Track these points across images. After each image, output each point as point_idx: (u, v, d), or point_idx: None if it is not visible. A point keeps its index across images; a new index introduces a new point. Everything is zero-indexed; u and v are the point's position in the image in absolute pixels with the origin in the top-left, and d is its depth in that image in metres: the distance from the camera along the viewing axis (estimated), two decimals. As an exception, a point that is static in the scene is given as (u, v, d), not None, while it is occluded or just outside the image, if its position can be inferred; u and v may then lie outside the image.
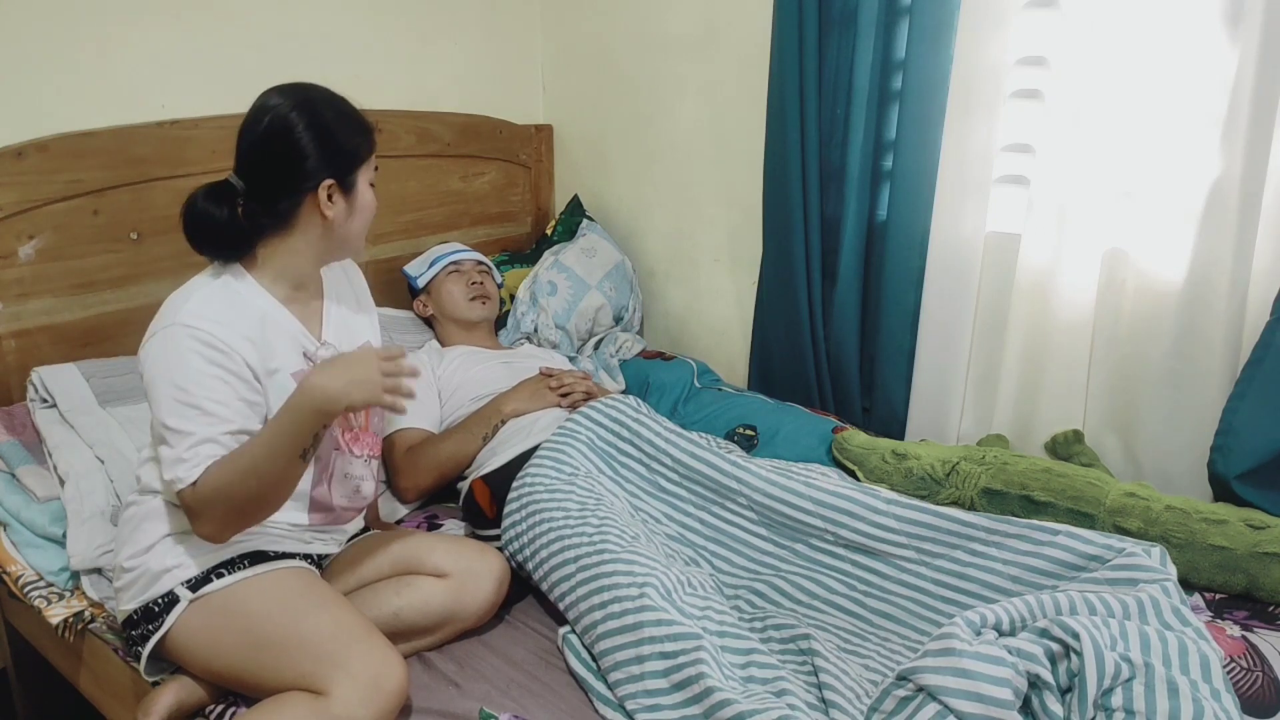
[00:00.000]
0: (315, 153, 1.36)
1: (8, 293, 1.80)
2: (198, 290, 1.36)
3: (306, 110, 1.37)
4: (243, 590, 1.34)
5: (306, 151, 1.35)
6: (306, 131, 1.35)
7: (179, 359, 1.28)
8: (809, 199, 2.22)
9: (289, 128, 1.35)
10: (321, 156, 1.37)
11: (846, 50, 2.10)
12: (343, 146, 1.40)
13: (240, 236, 1.38)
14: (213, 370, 1.28)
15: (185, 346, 1.28)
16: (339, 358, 1.31)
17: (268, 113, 1.36)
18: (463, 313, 2.23)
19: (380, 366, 1.27)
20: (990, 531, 1.52)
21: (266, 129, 1.35)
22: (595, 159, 2.80)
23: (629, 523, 1.60)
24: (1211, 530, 1.60)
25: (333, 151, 1.38)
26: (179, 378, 1.27)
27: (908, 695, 1.18)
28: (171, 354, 1.28)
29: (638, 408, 1.86)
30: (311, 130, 1.36)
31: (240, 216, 1.37)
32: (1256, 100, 1.65)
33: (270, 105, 1.37)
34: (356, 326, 1.58)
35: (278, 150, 1.35)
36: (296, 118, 1.35)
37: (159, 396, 1.27)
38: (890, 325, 2.19)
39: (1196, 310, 1.80)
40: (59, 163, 1.82)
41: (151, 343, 1.30)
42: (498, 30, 2.68)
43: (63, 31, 1.83)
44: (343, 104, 1.44)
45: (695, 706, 1.27)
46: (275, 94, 1.38)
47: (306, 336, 1.45)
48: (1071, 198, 1.89)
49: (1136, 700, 1.15)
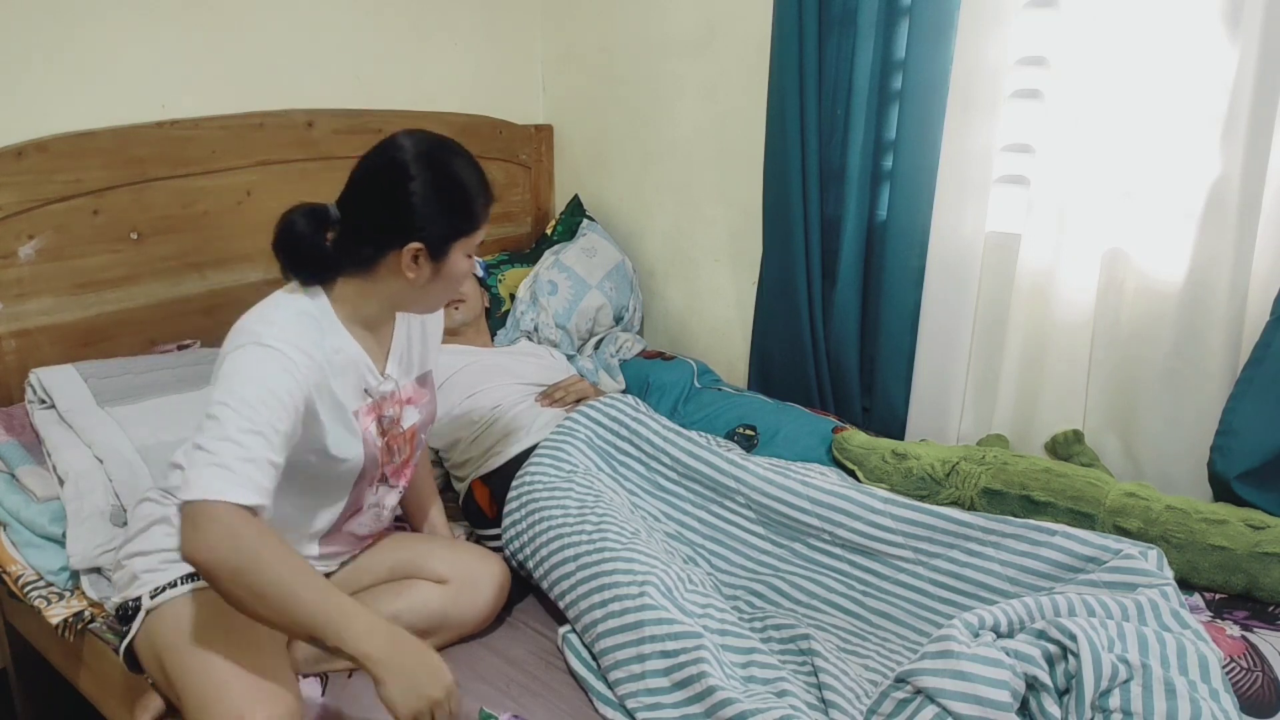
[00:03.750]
0: (418, 212, 1.27)
1: (7, 293, 1.80)
2: (284, 310, 1.30)
3: (429, 166, 1.28)
4: (176, 610, 1.27)
5: (410, 207, 1.27)
6: (420, 188, 1.27)
7: (261, 376, 1.19)
8: (809, 199, 2.22)
9: (403, 177, 1.27)
10: (422, 218, 1.28)
11: (846, 50, 2.10)
12: (450, 216, 1.30)
13: (325, 264, 1.33)
14: (287, 400, 1.20)
15: (271, 369, 1.20)
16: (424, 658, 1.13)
17: (391, 152, 1.29)
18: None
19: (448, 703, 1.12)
20: (987, 531, 1.52)
21: (382, 168, 1.29)
22: (595, 159, 2.80)
23: (629, 519, 1.60)
24: (1211, 530, 1.60)
25: (437, 217, 1.29)
26: (253, 395, 1.17)
27: (906, 697, 1.18)
28: (254, 368, 1.19)
29: (636, 406, 1.86)
30: (425, 189, 1.27)
31: (330, 244, 1.32)
32: (1256, 100, 1.65)
33: (398, 145, 1.29)
34: (416, 361, 1.51)
35: (383, 194, 1.28)
36: (416, 170, 1.27)
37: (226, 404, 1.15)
38: (890, 325, 2.19)
39: (1196, 310, 1.80)
40: (59, 162, 1.82)
41: (241, 354, 1.21)
42: (498, 30, 2.68)
43: (63, 31, 1.83)
44: (472, 171, 1.33)
45: (696, 705, 1.27)
46: (408, 136, 1.30)
47: (371, 371, 1.38)
48: (1071, 198, 1.89)
49: (1134, 701, 1.15)
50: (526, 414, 1.94)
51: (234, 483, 1.09)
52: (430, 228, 1.29)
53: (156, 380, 1.82)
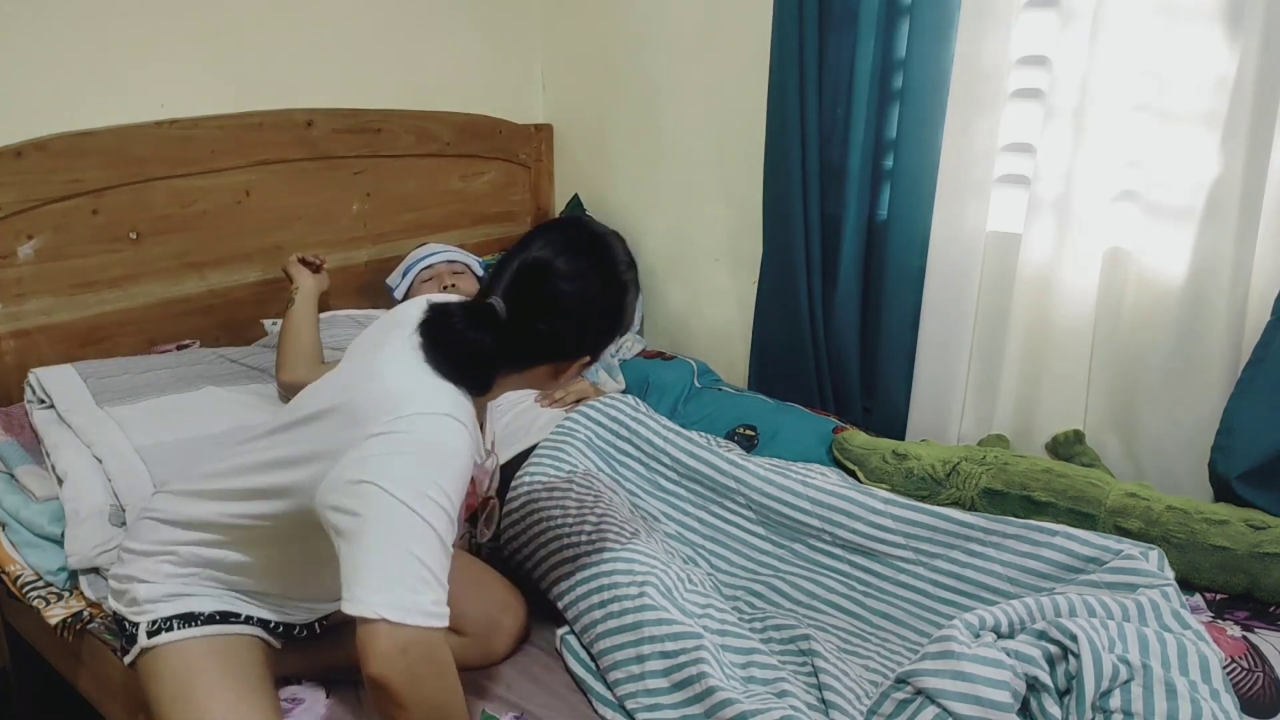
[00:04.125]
0: (612, 328, 1.21)
1: (7, 293, 1.80)
2: (436, 379, 1.13)
3: (636, 284, 1.22)
4: (169, 659, 1.22)
5: (611, 323, 1.20)
6: (630, 304, 1.20)
7: (452, 457, 1.06)
8: (809, 198, 2.22)
9: (623, 294, 1.19)
10: (610, 334, 1.22)
11: (847, 49, 2.10)
12: (615, 334, 1.24)
13: (489, 371, 1.16)
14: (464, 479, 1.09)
15: (459, 446, 1.07)
16: None
17: (613, 265, 1.18)
18: None
19: None
20: (988, 532, 1.52)
21: (604, 282, 1.17)
22: (595, 158, 2.80)
23: (629, 519, 1.60)
24: (1212, 530, 1.60)
25: (608, 337, 1.23)
26: (447, 479, 1.04)
27: (906, 698, 1.18)
28: (444, 447, 1.06)
29: (636, 406, 1.86)
30: (629, 308, 1.21)
31: (493, 345, 1.14)
32: (1257, 100, 1.64)
33: (618, 257, 1.19)
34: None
35: (594, 307, 1.17)
36: (633, 291, 1.20)
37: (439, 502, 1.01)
38: (890, 325, 2.19)
39: (1197, 310, 1.80)
40: (58, 162, 1.82)
41: (420, 423, 1.05)
42: (497, 30, 2.68)
43: (62, 31, 1.83)
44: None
45: (696, 706, 1.27)
46: (621, 244, 1.21)
47: (479, 445, 1.26)
48: (1071, 198, 1.89)
49: (1135, 702, 1.15)
50: (526, 414, 1.94)
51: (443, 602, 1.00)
52: (607, 341, 1.24)
53: (156, 380, 1.82)
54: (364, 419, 1.06)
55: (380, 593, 0.97)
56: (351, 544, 1.01)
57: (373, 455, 1.03)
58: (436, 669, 1.01)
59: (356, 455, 1.04)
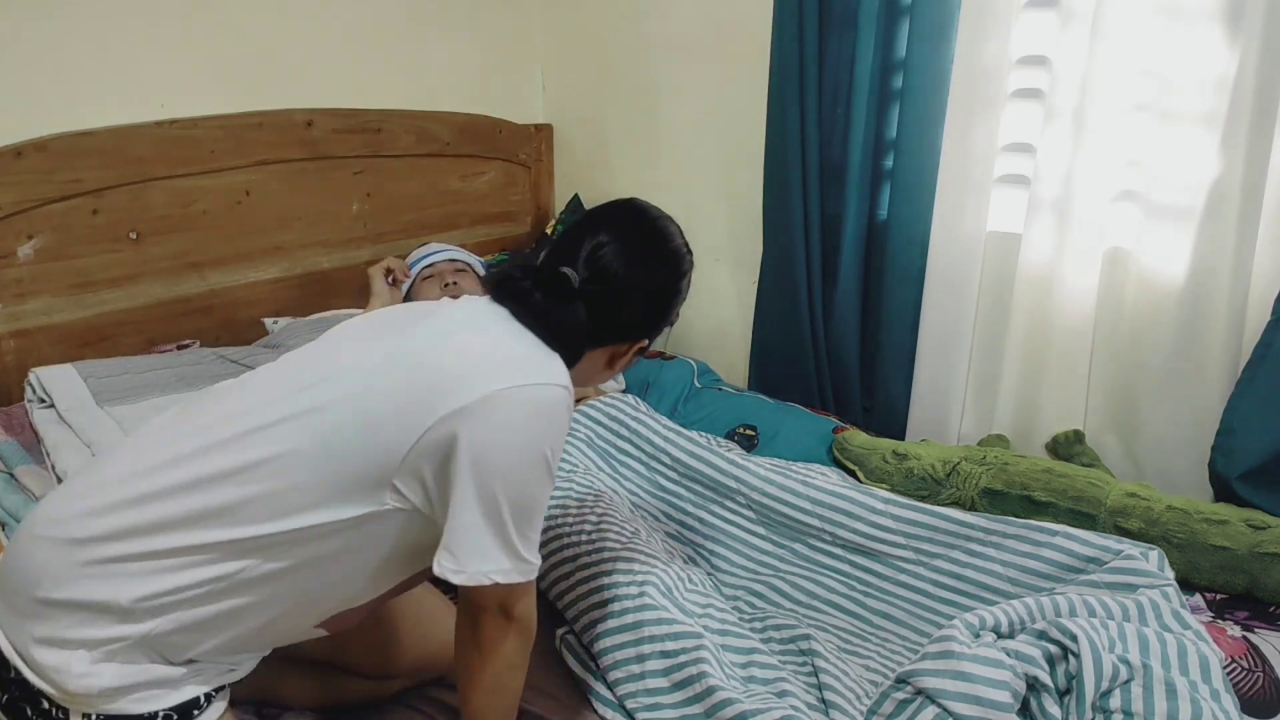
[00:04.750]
0: (669, 309, 1.21)
1: (6, 293, 1.80)
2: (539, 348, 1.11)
3: (691, 261, 1.23)
4: None
5: (669, 304, 1.20)
6: (684, 282, 1.21)
7: (556, 428, 1.06)
8: (809, 198, 2.22)
9: (680, 268, 1.20)
10: (667, 315, 1.21)
11: (847, 49, 2.10)
12: (674, 314, 1.24)
13: (580, 343, 1.14)
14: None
15: (562, 416, 1.07)
16: None
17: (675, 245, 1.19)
18: None
19: None
20: (988, 532, 1.52)
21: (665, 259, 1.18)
22: (595, 158, 2.80)
23: (629, 519, 1.60)
24: (1212, 530, 1.60)
25: (665, 321, 1.22)
26: (551, 447, 1.05)
27: (906, 698, 1.18)
28: (547, 419, 1.05)
29: (636, 406, 1.86)
30: (685, 285, 1.22)
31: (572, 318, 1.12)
32: (1257, 100, 1.64)
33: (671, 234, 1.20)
34: None
35: (658, 286, 1.18)
36: (688, 262, 1.21)
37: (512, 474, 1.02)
38: (891, 325, 2.19)
39: (1197, 310, 1.80)
40: (58, 162, 1.82)
41: (521, 394, 1.03)
42: (498, 30, 2.68)
43: (62, 31, 1.83)
44: None
45: (696, 706, 1.27)
46: (677, 229, 1.21)
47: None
48: (1071, 198, 1.89)
49: (1135, 702, 1.15)
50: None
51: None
52: (663, 324, 1.22)
53: (156, 380, 1.82)
54: (454, 391, 1.01)
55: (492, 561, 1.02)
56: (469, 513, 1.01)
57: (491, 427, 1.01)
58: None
59: (469, 429, 1.00)
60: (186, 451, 1.03)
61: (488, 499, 1.00)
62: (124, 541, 0.99)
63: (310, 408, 1.03)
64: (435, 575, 1.03)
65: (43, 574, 0.99)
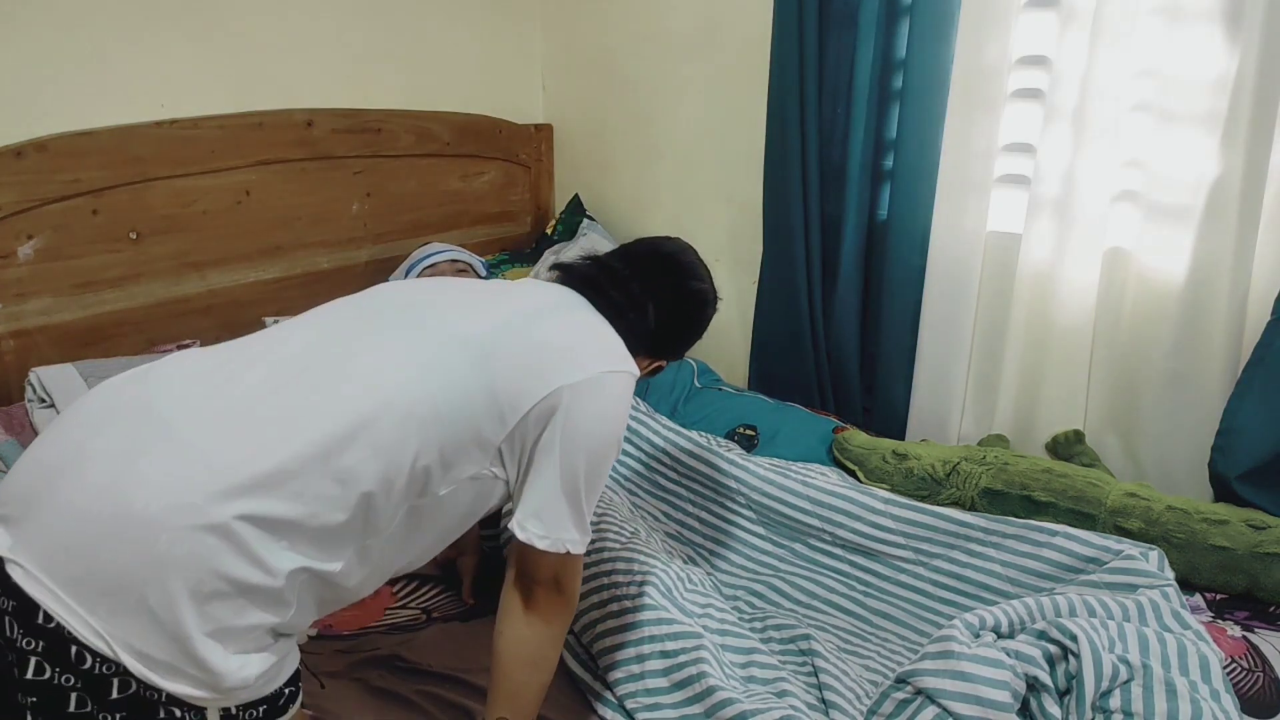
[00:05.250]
0: (693, 337, 1.33)
1: (7, 293, 1.80)
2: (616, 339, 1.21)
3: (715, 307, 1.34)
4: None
5: (688, 333, 1.32)
6: (704, 322, 1.33)
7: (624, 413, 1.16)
8: (809, 198, 2.22)
9: (705, 308, 1.31)
10: (690, 342, 1.34)
11: (847, 49, 2.10)
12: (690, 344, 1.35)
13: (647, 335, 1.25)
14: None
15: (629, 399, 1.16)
16: None
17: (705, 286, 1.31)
18: None
19: None
20: (988, 532, 1.52)
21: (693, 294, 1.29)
22: (595, 158, 2.80)
23: (628, 519, 1.60)
24: (1212, 530, 1.60)
25: (689, 344, 1.35)
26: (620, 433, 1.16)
27: (906, 698, 1.18)
28: (628, 402, 1.16)
29: (636, 406, 1.86)
30: (704, 323, 1.33)
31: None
32: (1257, 100, 1.64)
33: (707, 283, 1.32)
34: None
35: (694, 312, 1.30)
36: (712, 306, 1.32)
37: (596, 451, 1.10)
38: (891, 325, 2.19)
39: (1197, 310, 1.80)
40: (58, 162, 1.82)
41: (610, 382, 1.12)
42: (498, 30, 2.68)
43: (62, 31, 1.83)
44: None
45: (696, 706, 1.27)
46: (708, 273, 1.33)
47: None
48: (1071, 198, 1.89)
49: (1135, 702, 1.15)
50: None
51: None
52: (681, 349, 1.34)
53: (156, 380, 1.82)
54: (568, 366, 1.09)
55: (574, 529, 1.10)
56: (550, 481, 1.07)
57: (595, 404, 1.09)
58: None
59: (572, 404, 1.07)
60: (298, 415, 0.96)
61: (571, 472, 1.07)
62: (261, 518, 0.91)
63: (432, 364, 1.04)
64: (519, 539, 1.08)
65: (181, 566, 0.88)
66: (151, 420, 0.95)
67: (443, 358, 1.05)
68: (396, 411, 0.99)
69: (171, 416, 0.95)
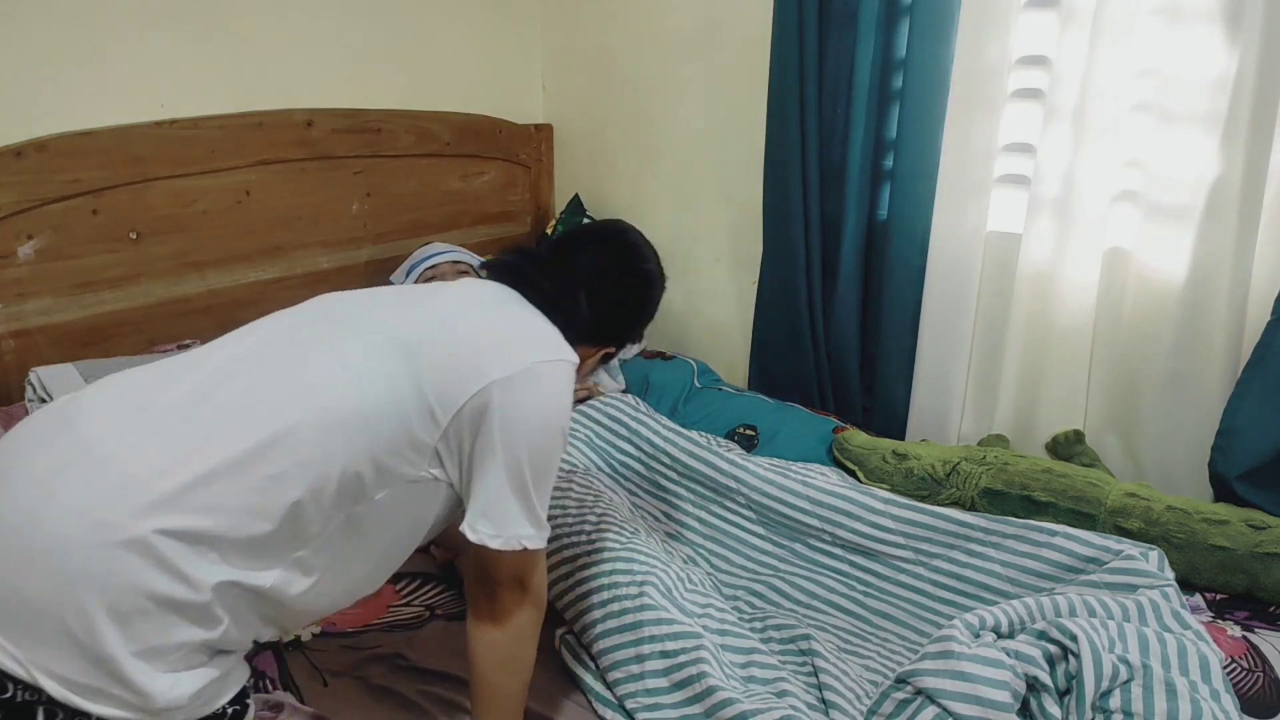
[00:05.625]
0: (632, 322, 1.28)
1: (7, 293, 1.80)
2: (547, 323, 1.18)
3: (663, 287, 1.29)
4: None
5: (633, 317, 1.27)
6: (650, 303, 1.28)
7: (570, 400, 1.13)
8: (809, 198, 2.22)
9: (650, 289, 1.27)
10: (630, 328, 1.29)
11: (847, 49, 2.10)
12: (639, 329, 1.32)
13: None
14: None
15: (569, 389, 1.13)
16: None
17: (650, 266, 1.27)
18: None
19: None
20: (988, 532, 1.52)
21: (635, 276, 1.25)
22: (595, 158, 2.80)
23: (628, 518, 1.60)
24: (1212, 530, 1.60)
25: (637, 329, 1.31)
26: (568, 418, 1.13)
27: (906, 698, 1.18)
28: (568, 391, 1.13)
29: (636, 406, 1.86)
30: (651, 305, 1.29)
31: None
32: (1256, 100, 1.64)
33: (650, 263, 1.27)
34: None
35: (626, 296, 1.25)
36: (659, 286, 1.28)
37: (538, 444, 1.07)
38: (891, 325, 2.19)
39: (1197, 310, 1.80)
40: (58, 162, 1.82)
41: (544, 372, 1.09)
42: (498, 30, 2.68)
43: (62, 31, 1.83)
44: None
45: (696, 706, 1.27)
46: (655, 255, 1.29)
47: None
48: (1071, 198, 1.89)
49: (1135, 702, 1.15)
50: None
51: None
52: (627, 336, 1.29)
53: (156, 380, 1.82)
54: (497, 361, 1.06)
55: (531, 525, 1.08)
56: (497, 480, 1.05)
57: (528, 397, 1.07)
58: None
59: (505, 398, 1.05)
60: (219, 427, 0.95)
61: (515, 467, 1.05)
62: (181, 532, 0.90)
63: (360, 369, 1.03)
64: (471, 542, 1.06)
65: (98, 584, 0.86)
66: (73, 440, 0.94)
67: (371, 363, 1.03)
68: (325, 418, 0.98)
69: (92, 435, 0.94)
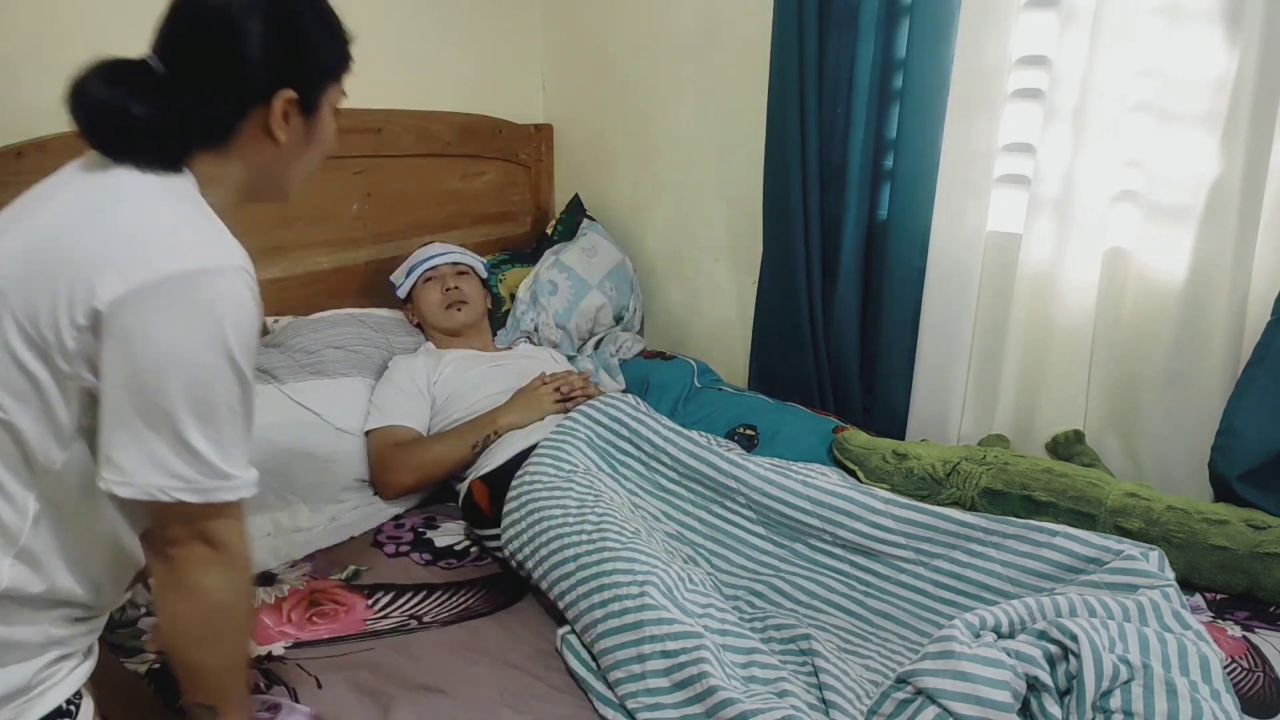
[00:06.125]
0: (277, 51, 0.99)
1: (7, 293, 1.80)
2: (194, 213, 0.96)
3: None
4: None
5: (265, 47, 0.98)
6: (269, 19, 0.98)
7: (248, 317, 0.93)
8: (809, 198, 2.22)
9: (246, 8, 0.97)
10: (284, 58, 1.00)
11: (847, 49, 2.10)
12: (317, 51, 1.04)
13: (169, 144, 0.98)
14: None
15: (250, 299, 0.93)
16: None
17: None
18: (439, 321, 2.20)
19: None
20: (988, 532, 1.52)
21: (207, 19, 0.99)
22: (595, 158, 2.80)
23: (629, 518, 1.60)
24: (1212, 530, 1.60)
25: (302, 55, 1.02)
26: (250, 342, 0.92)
27: (907, 698, 1.18)
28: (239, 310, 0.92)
29: (636, 406, 1.86)
30: (275, 19, 0.98)
31: (167, 115, 0.96)
32: (1256, 100, 1.64)
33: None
34: None
35: (221, 32, 0.98)
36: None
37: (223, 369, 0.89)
38: (891, 325, 2.19)
39: (1197, 310, 1.80)
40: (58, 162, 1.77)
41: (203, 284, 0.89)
42: (498, 30, 2.68)
43: (61, 31, 1.83)
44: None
45: (697, 706, 1.27)
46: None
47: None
48: (1071, 198, 1.89)
49: (1135, 702, 1.15)
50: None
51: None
52: (300, 68, 1.02)
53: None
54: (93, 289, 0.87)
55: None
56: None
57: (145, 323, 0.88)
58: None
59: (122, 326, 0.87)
60: None
61: (149, 398, 0.86)
62: None
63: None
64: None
65: None
66: None
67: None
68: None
69: None
